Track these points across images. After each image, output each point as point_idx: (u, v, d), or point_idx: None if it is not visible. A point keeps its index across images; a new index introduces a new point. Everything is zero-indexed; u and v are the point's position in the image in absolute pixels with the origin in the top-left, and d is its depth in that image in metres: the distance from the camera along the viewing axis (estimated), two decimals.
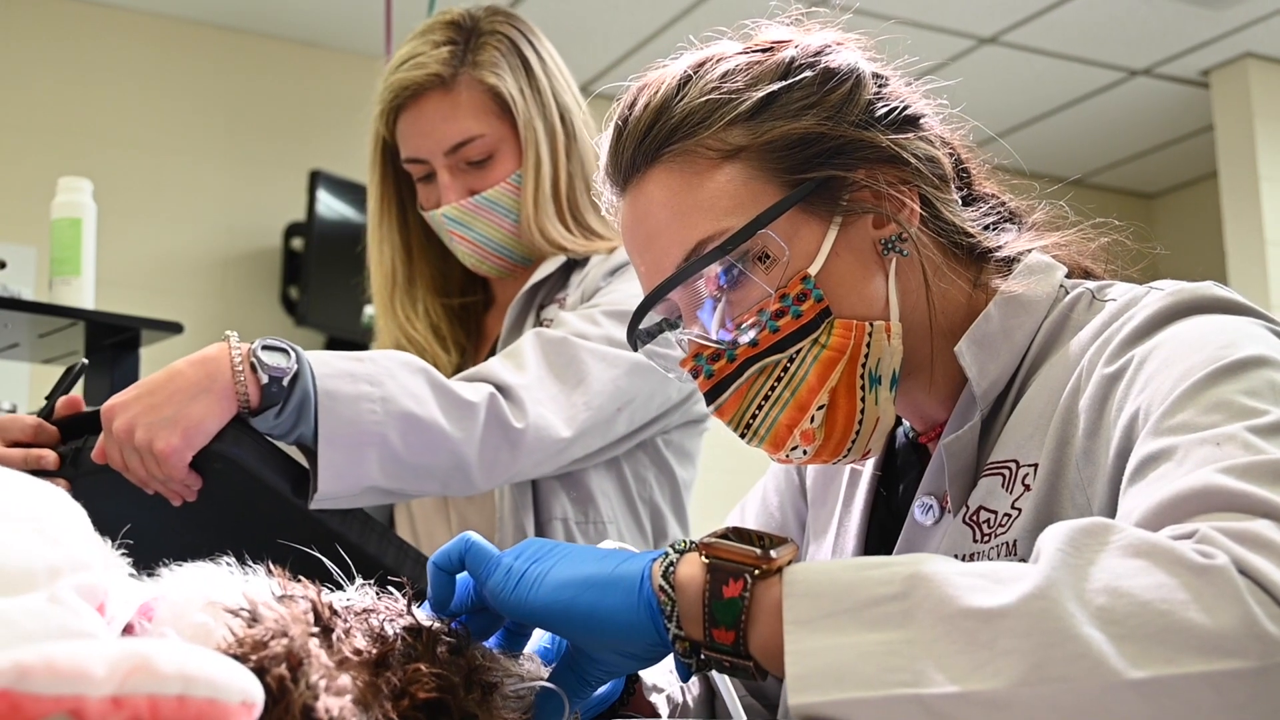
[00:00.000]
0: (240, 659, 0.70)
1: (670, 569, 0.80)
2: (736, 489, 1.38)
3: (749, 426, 1.02)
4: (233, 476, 1.26)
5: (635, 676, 1.04)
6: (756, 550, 0.78)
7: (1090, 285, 1.04)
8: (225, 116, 4.41)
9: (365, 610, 0.81)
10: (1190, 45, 4.70)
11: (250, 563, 0.80)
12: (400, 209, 1.67)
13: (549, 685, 0.86)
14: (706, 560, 0.79)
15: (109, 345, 1.89)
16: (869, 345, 1.00)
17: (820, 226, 1.00)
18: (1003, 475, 0.98)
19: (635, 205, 1.03)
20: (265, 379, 1.25)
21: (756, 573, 0.77)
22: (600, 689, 0.96)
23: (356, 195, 4.20)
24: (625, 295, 1.52)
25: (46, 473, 1.31)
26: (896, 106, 1.04)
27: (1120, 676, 0.66)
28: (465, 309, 1.73)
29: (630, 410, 1.49)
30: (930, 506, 1.04)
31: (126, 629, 0.77)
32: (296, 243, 4.38)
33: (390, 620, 0.81)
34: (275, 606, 0.75)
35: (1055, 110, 5.17)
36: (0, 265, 1.93)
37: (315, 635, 0.75)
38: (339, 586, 0.84)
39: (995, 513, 0.98)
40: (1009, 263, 1.07)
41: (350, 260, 1.83)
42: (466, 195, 1.60)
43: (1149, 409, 0.86)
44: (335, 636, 0.76)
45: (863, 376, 1.00)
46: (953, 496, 1.01)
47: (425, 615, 0.85)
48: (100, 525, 1.32)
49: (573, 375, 1.44)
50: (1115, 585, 0.69)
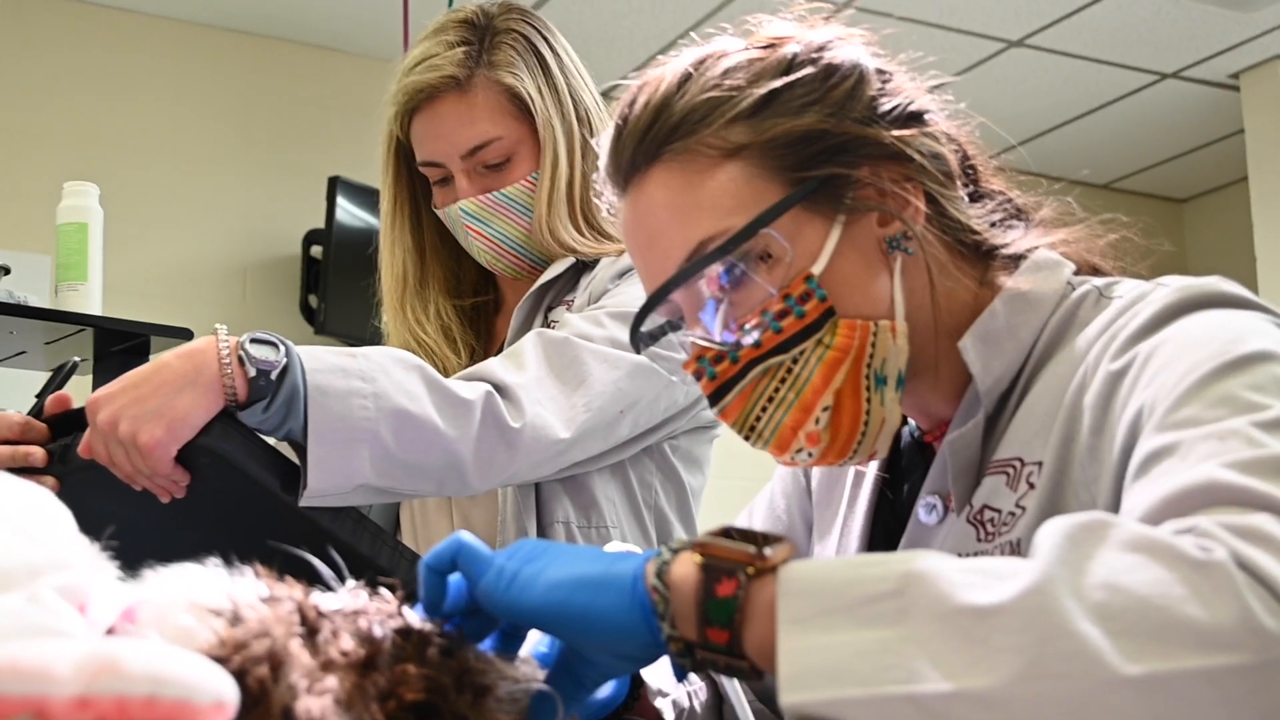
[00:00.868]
0: (222, 660, 0.69)
1: (664, 568, 0.78)
2: (752, 497, 1.36)
3: (753, 429, 1.01)
4: (220, 472, 1.25)
5: (639, 681, 1.02)
6: (751, 548, 0.77)
7: (1097, 282, 1.02)
8: (242, 123, 4.43)
9: (354, 611, 0.80)
10: (1220, 48, 4.65)
11: (240, 561, 0.79)
12: (414, 210, 1.65)
13: (544, 688, 0.84)
14: (700, 559, 0.77)
15: (117, 352, 1.89)
16: (874, 345, 0.98)
17: (823, 225, 0.99)
18: (1007, 474, 0.97)
19: (636, 205, 1.02)
20: (253, 372, 1.23)
21: (751, 571, 0.75)
22: (602, 693, 0.95)
23: (376, 201, 4.16)
24: (631, 298, 1.50)
25: (35, 470, 1.29)
26: (901, 102, 1.02)
27: (1117, 673, 0.65)
28: (476, 310, 1.71)
29: (634, 413, 1.47)
30: (934, 506, 1.03)
31: (109, 631, 0.76)
32: (316, 250, 4.38)
33: (380, 622, 0.80)
34: (258, 607, 0.74)
35: (1084, 114, 5.14)
36: (5, 271, 1.93)
37: (299, 636, 0.74)
38: (329, 587, 0.83)
39: (999, 511, 0.96)
40: (1016, 260, 1.05)
41: (370, 267, 1.83)
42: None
43: (1153, 405, 0.85)
44: (321, 638, 0.75)
45: (868, 377, 0.99)
46: (956, 495, 1.00)
47: (418, 617, 0.83)
48: (89, 522, 1.32)
49: (573, 376, 1.42)
50: (1112, 581, 0.68)
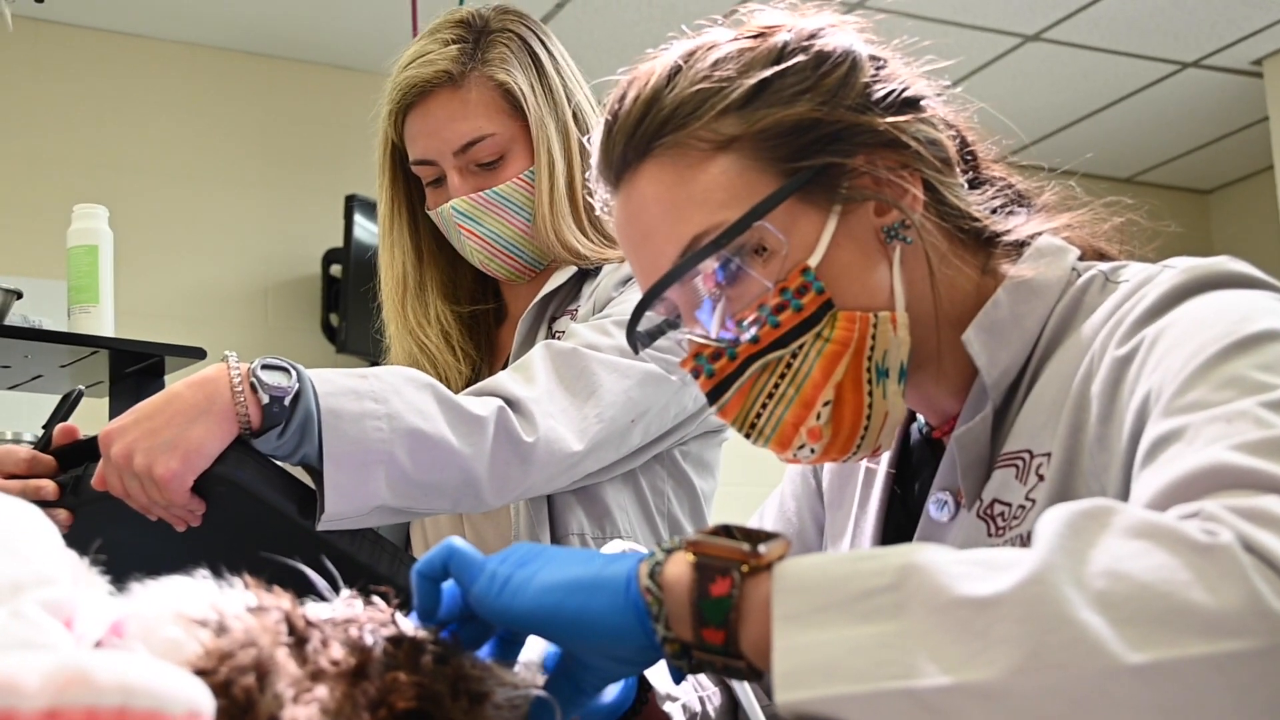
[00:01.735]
0: (209, 671, 0.68)
1: (657, 568, 0.77)
2: (762, 501, 1.34)
3: (754, 426, 0.99)
4: (237, 500, 1.24)
5: (647, 685, 1.01)
6: (744, 546, 0.75)
7: (1103, 267, 1.00)
8: (258, 144, 4.45)
9: (345, 620, 0.79)
10: (1241, 34, 4.61)
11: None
12: (410, 213, 1.64)
13: (542, 694, 0.83)
14: (693, 558, 0.76)
15: (132, 374, 1.89)
16: (874, 337, 0.96)
17: (819, 216, 0.97)
18: (1016, 466, 0.95)
19: (628, 202, 1.01)
20: (266, 399, 1.22)
21: (745, 569, 0.74)
22: (608, 697, 0.94)
23: None
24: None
25: (47, 503, 1.29)
26: (895, 88, 1.00)
27: (1120, 661, 0.63)
28: (475, 319, 1.69)
29: (645, 422, 1.46)
30: (945, 502, 1.01)
31: (97, 645, 0.75)
32: (335, 269, 4.40)
33: (371, 630, 0.79)
34: (244, 617, 0.73)
35: (1104, 107, 5.10)
36: (17, 296, 1.93)
37: (287, 646, 0.73)
38: (324, 597, 0.82)
39: (1009, 505, 0.95)
40: (1019, 247, 1.03)
41: None
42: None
43: (1160, 389, 0.83)
44: (311, 647, 0.74)
45: (869, 370, 0.97)
46: (966, 490, 0.98)
47: (412, 625, 0.82)
48: (104, 554, 1.31)
49: (583, 387, 1.41)
50: (1115, 568, 0.66)
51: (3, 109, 4.15)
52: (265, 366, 1.25)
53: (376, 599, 0.82)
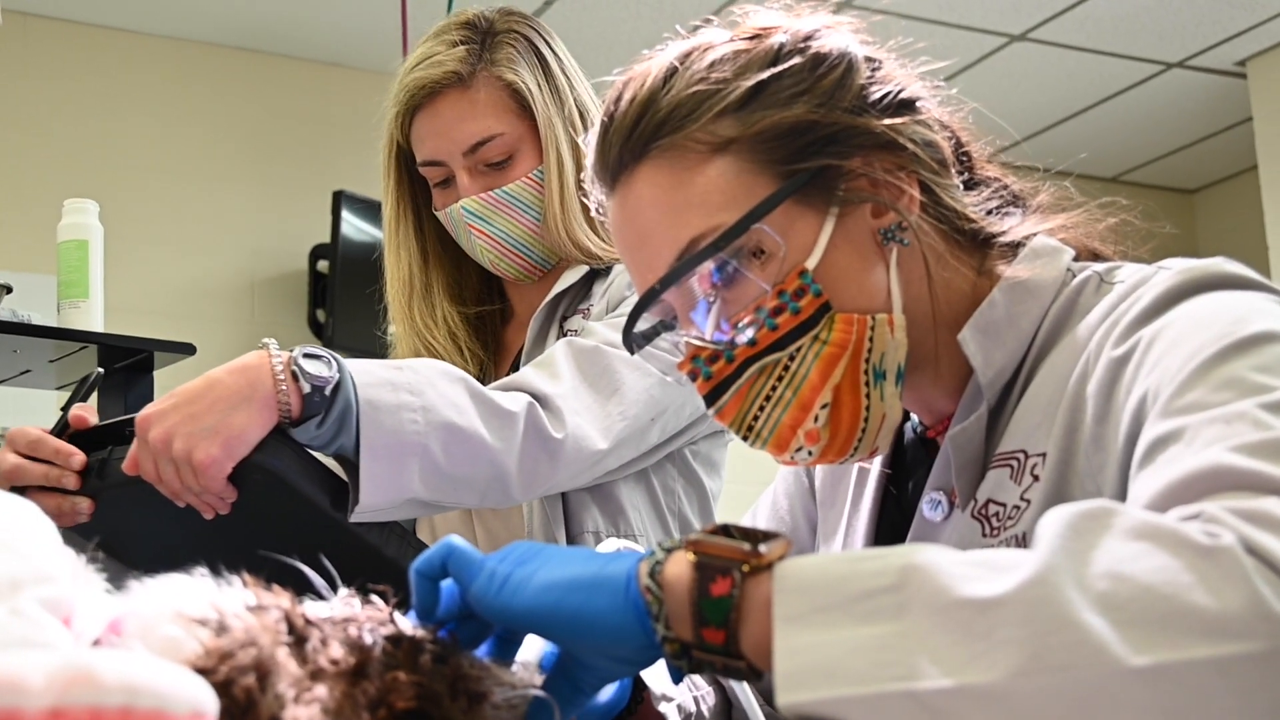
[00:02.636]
0: (208, 670, 0.68)
1: (657, 568, 0.77)
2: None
3: (751, 428, 0.99)
4: (271, 489, 1.23)
5: (642, 685, 1.01)
6: (745, 545, 0.75)
7: (1098, 267, 1.01)
8: (246, 139, 4.44)
9: (345, 620, 0.79)
10: (1225, 35, 4.63)
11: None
12: (415, 214, 1.64)
13: (540, 693, 0.83)
14: (693, 557, 0.76)
15: (122, 369, 1.88)
16: (872, 339, 0.96)
17: (816, 218, 0.97)
18: (1011, 466, 0.95)
19: (625, 204, 1.00)
20: (308, 388, 1.22)
21: (745, 568, 0.74)
22: (603, 697, 0.93)
23: (380, 214, 4.19)
24: None
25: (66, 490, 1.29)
26: (891, 90, 1.00)
27: (1123, 664, 0.63)
28: (481, 320, 1.69)
29: (663, 421, 1.47)
30: (939, 502, 1.01)
31: (95, 643, 0.75)
32: (322, 265, 4.39)
33: (370, 629, 0.78)
34: (244, 616, 0.73)
35: (1089, 106, 5.11)
36: (6, 290, 1.92)
37: (287, 645, 0.73)
38: (322, 596, 0.81)
39: (1004, 505, 0.95)
40: (1014, 248, 1.03)
41: (377, 281, 1.82)
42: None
43: (1158, 390, 0.83)
44: (310, 646, 0.74)
45: (866, 372, 0.97)
46: (960, 490, 0.98)
47: (411, 624, 0.82)
48: (127, 538, 1.30)
49: (607, 385, 1.41)
50: (1117, 569, 0.66)
51: None
52: (306, 355, 1.24)
53: (375, 598, 0.82)
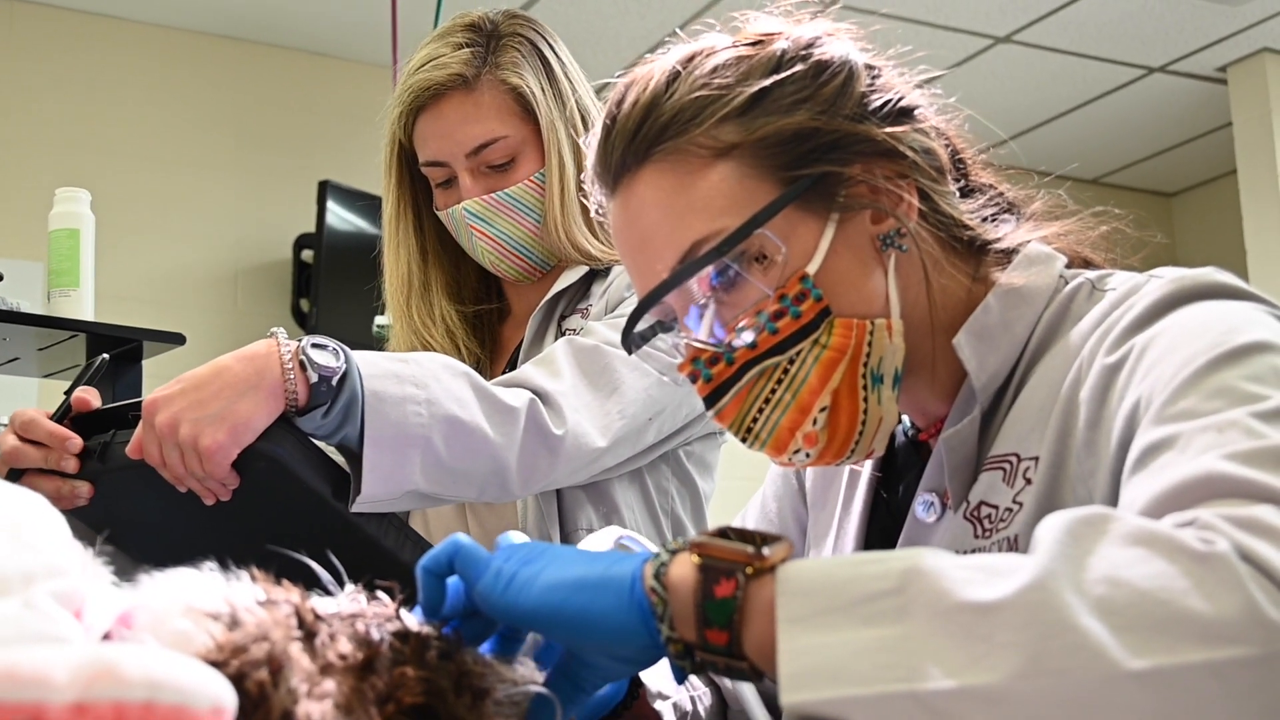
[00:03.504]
0: (220, 664, 0.68)
1: (662, 569, 0.78)
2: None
3: (750, 430, 1.00)
4: (273, 477, 1.24)
5: (638, 681, 1.02)
6: (749, 548, 0.76)
7: (1090, 275, 1.02)
8: (232, 128, 4.43)
9: (352, 615, 0.79)
10: (1207, 41, 4.67)
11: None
12: (415, 213, 1.65)
13: (542, 690, 0.84)
14: (698, 560, 0.77)
15: (111, 358, 1.87)
16: (870, 344, 0.98)
17: (817, 224, 0.98)
18: (1003, 469, 0.97)
19: (627, 206, 1.02)
20: (315, 378, 1.23)
21: (749, 571, 0.75)
22: (599, 692, 0.94)
23: (366, 205, 4.20)
24: None
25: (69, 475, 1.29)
26: (891, 98, 1.01)
27: (1120, 667, 0.64)
28: (479, 318, 1.70)
29: (660, 420, 1.48)
30: (931, 503, 1.02)
31: (105, 637, 0.75)
32: (306, 254, 4.38)
33: (378, 625, 0.79)
34: (256, 611, 0.73)
35: (1072, 109, 5.15)
36: None
37: (298, 640, 0.73)
38: (329, 591, 0.82)
39: (996, 508, 0.96)
40: (1008, 254, 1.05)
41: (361, 271, 1.82)
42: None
43: (1150, 397, 0.84)
44: (319, 641, 0.75)
45: (864, 376, 0.98)
46: (953, 492, 1.00)
47: (416, 620, 0.83)
48: (124, 522, 1.30)
49: (606, 383, 1.43)
50: (1114, 574, 0.67)
51: None
52: (314, 345, 1.25)
53: (381, 594, 0.82)
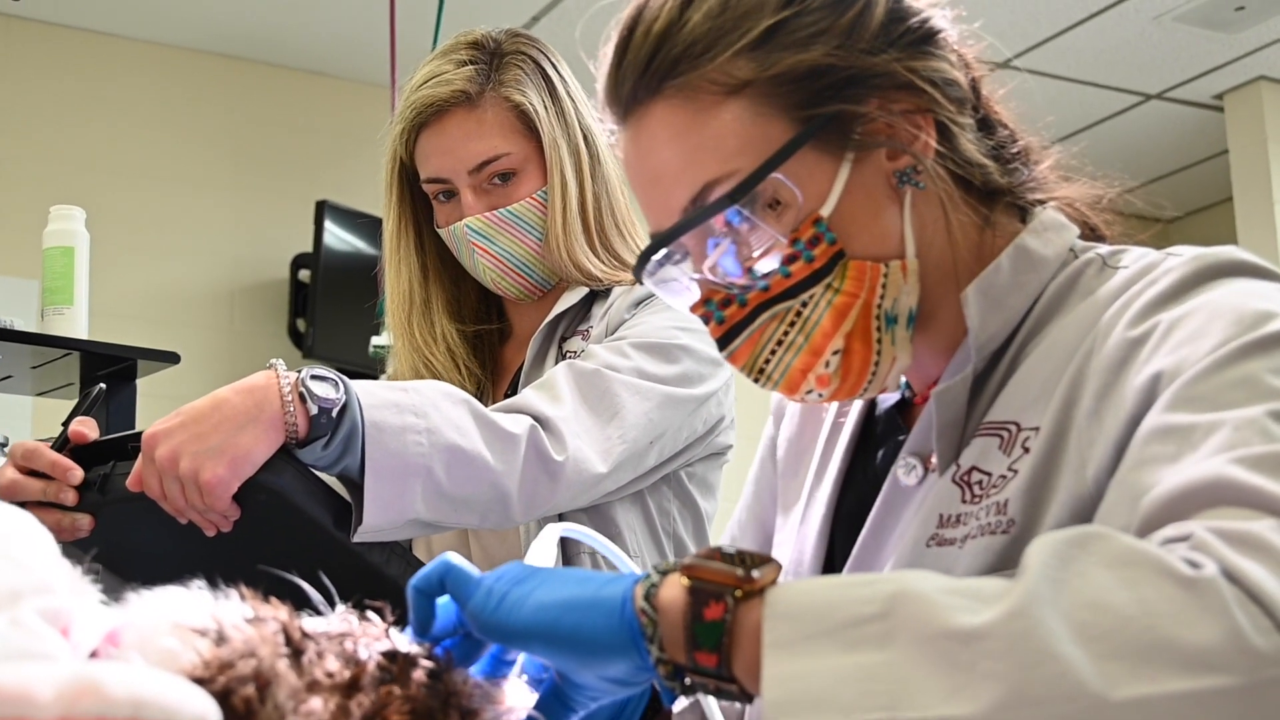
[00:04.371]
0: (207, 680, 0.69)
1: (652, 590, 0.78)
2: None
3: (763, 371, 0.99)
4: (274, 508, 1.24)
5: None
6: (738, 571, 0.76)
7: (1102, 250, 1.01)
8: (230, 147, 4.43)
9: (340, 634, 0.79)
10: (1204, 69, 4.69)
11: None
12: (416, 230, 1.65)
13: (533, 714, 0.84)
14: (687, 582, 0.76)
15: (105, 376, 1.87)
16: (884, 286, 0.96)
17: (832, 164, 0.96)
18: (1001, 437, 0.95)
19: (638, 140, 1.00)
20: (315, 410, 1.23)
21: (738, 594, 0.75)
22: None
23: (364, 225, 4.20)
24: (653, 328, 1.50)
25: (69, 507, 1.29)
26: (912, 25, 0.98)
27: (1102, 698, 0.64)
28: (480, 338, 1.70)
29: (661, 443, 1.48)
30: (914, 466, 1.01)
31: (93, 654, 0.75)
32: (304, 274, 4.38)
33: (366, 644, 0.79)
34: (243, 628, 0.73)
35: (1069, 135, 5.16)
36: None
37: (285, 657, 0.73)
38: (319, 611, 0.82)
39: (989, 474, 0.94)
40: (1019, 207, 1.03)
41: (358, 291, 1.81)
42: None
43: (1173, 374, 0.82)
44: (306, 659, 0.75)
45: (878, 318, 0.97)
46: (940, 451, 0.98)
47: (407, 640, 0.83)
48: (125, 553, 1.30)
49: (606, 408, 1.42)
50: (1098, 600, 0.66)
51: None
52: (314, 377, 1.25)
53: (371, 614, 0.82)
